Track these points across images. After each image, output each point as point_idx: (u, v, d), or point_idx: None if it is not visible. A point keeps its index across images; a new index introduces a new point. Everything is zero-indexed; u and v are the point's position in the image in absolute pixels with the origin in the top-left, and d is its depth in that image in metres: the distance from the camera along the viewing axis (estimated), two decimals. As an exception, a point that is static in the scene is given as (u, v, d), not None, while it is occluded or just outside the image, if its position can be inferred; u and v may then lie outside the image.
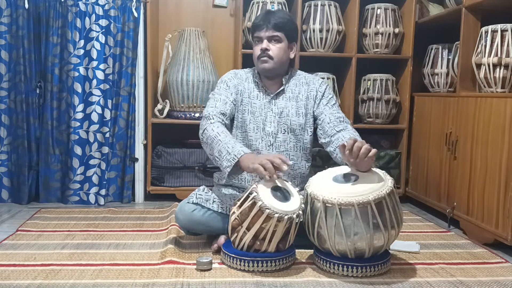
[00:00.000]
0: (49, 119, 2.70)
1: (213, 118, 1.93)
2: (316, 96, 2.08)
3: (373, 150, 1.65)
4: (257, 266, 1.70)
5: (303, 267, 1.78)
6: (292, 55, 2.08)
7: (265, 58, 2.00)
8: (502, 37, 2.21)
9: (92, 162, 2.75)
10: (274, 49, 2.00)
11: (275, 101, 2.05)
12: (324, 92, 2.09)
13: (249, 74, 2.12)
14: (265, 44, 1.99)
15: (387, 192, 1.64)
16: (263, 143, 2.03)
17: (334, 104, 2.08)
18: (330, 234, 1.66)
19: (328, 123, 2.00)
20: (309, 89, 2.09)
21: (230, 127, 2.03)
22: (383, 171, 1.77)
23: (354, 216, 1.61)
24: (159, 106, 2.91)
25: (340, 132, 1.95)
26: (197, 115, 2.85)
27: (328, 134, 1.99)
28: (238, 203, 1.74)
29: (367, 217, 1.61)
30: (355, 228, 1.62)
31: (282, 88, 2.06)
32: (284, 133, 2.03)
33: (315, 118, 2.08)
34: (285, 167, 1.69)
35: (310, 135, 2.08)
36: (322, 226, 1.67)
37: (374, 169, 1.78)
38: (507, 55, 2.19)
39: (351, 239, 1.63)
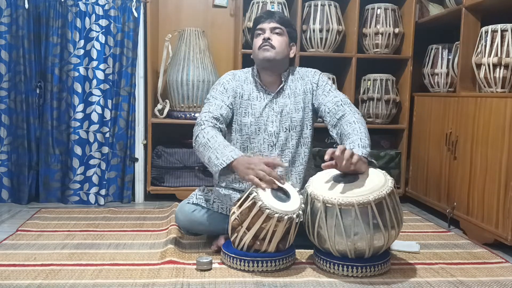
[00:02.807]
0: (49, 119, 2.70)
1: (204, 124, 1.90)
2: (312, 88, 2.06)
3: (355, 156, 1.66)
4: (257, 266, 1.70)
5: (303, 267, 1.78)
6: (291, 54, 2.08)
7: (267, 47, 1.98)
8: (502, 37, 2.21)
9: (92, 162, 2.75)
10: (277, 39, 2.00)
11: (276, 100, 2.04)
12: (318, 82, 2.07)
13: (248, 74, 2.10)
14: (267, 34, 2.00)
15: (387, 192, 1.64)
16: (265, 144, 2.01)
17: (330, 90, 2.04)
18: (330, 234, 1.66)
19: (328, 113, 1.98)
20: (304, 83, 2.08)
21: (225, 131, 2.00)
22: (383, 171, 1.77)
23: (354, 216, 1.61)
24: (159, 106, 2.91)
25: (340, 120, 1.93)
26: (197, 115, 2.84)
27: (332, 124, 1.97)
28: (238, 203, 1.74)
29: (367, 217, 1.61)
30: (355, 228, 1.62)
31: (282, 85, 2.05)
32: (285, 131, 2.01)
33: (316, 111, 2.07)
34: (281, 183, 1.72)
35: (310, 130, 2.07)
36: (322, 226, 1.67)
37: (374, 169, 1.78)
38: (507, 55, 2.19)
39: (351, 239, 1.63)
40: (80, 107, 2.72)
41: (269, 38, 1.99)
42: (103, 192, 2.75)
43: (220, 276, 1.68)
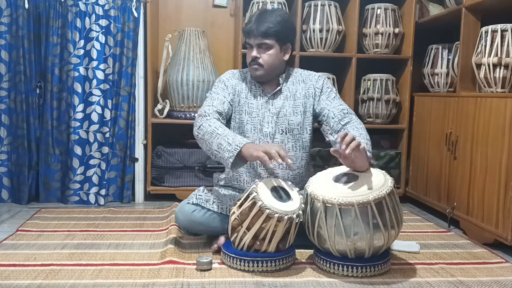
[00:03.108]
0: (49, 119, 2.70)
1: (209, 116, 1.90)
2: (314, 93, 2.04)
3: (356, 141, 1.65)
4: (257, 266, 1.70)
5: (303, 267, 1.78)
6: (286, 57, 2.02)
7: (255, 66, 1.97)
8: (502, 37, 2.21)
9: (92, 162, 2.75)
10: (264, 56, 1.96)
11: (272, 101, 2.02)
12: (322, 87, 2.05)
13: (246, 74, 2.09)
14: (254, 52, 1.96)
15: (387, 192, 1.64)
16: (260, 144, 2.01)
17: (334, 97, 2.03)
18: (330, 234, 1.66)
19: (333, 118, 1.96)
20: (306, 86, 2.05)
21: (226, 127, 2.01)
22: (383, 171, 1.78)
23: (354, 216, 1.61)
24: (159, 106, 2.91)
25: (345, 126, 1.92)
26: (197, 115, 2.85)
27: (335, 129, 1.94)
28: (238, 203, 1.74)
29: (367, 217, 1.61)
30: (355, 228, 1.62)
31: (279, 88, 2.03)
32: (281, 134, 2.00)
33: (317, 115, 2.04)
34: (290, 161, 1.70)
35: (309, 134, 2.05)
36: (322, 226, 1.67)
37: (374, 169, 1.78)
38: (507, 55, 2.19)
39: (351, 239, 1.63)
40: (80, 107, 2.72)
41: (256, 57, 1.96)
42: (103, 192, 2.75)
43: (220, 276, 1.68)
